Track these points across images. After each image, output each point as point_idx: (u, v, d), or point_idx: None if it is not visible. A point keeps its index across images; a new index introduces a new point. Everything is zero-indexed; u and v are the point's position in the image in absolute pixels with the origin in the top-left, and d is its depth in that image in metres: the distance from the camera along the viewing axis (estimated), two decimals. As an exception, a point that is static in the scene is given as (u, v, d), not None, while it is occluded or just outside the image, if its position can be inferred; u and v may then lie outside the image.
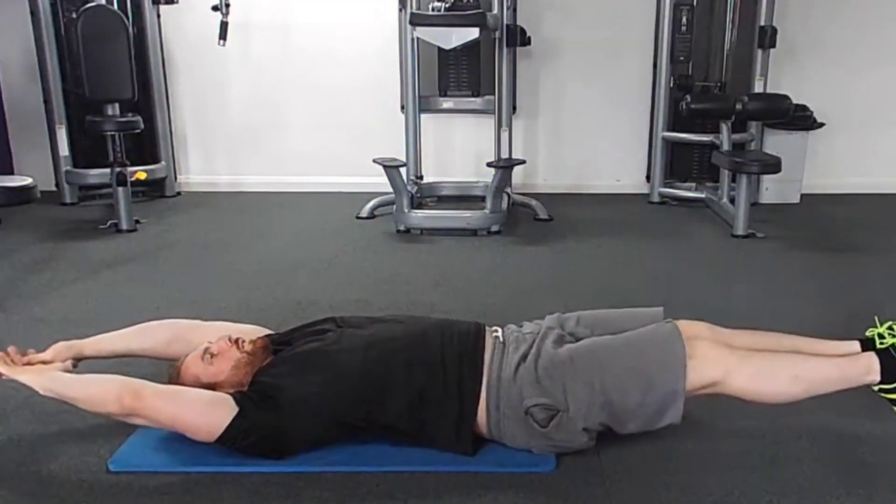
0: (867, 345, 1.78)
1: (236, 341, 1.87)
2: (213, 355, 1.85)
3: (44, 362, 1.90)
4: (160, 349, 2.02)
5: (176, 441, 1.85)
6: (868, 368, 1.72)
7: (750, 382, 1.71)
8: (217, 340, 1.89)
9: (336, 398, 1.75)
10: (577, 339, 1.84)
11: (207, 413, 1.72)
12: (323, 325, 1.97)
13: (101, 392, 1.74)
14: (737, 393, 1.72)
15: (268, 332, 2.08)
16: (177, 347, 1.98)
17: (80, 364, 1.97)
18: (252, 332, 2.03)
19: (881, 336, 1.76)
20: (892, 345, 1.73)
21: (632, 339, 1.77)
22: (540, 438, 1.74)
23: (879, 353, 1.72)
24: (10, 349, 1.90)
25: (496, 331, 1.89)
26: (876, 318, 1.79)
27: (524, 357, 1.77)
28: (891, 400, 1.74)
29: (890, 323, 1.78)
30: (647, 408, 1.70)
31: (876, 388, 1.72)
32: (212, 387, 1.81)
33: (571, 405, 1.70)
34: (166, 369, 1.93)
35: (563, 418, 1.71)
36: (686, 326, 1.81)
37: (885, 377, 1.70)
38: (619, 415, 1.72)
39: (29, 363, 1.89)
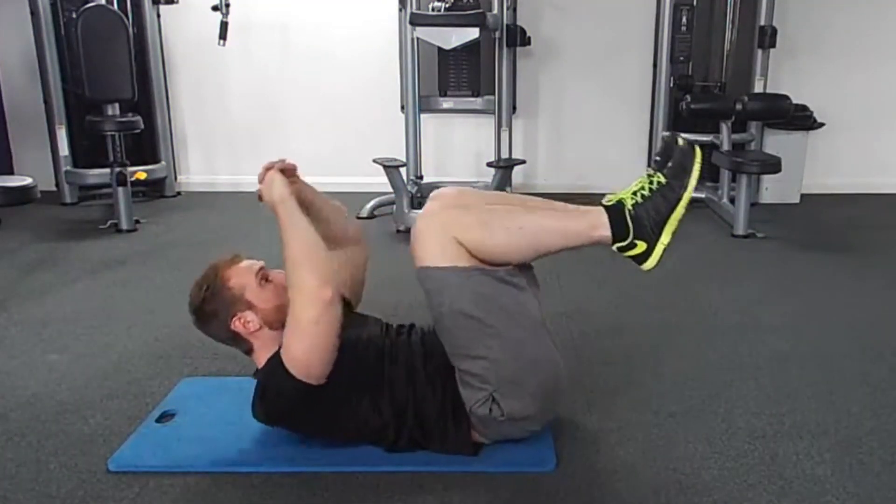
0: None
1: None
2: (267, 280, 1.81)
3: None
4: (330, 235, 1.91)
5: (176, 441, 1.86)
6: (595, 222, 1.67)
7: (476, 232, 1.65)
8: (277, 271, 1.81)
9: (364, 397, 1.74)
10: None
11: (332, 360, 1.66)
12: (363, 318, 1.95)
13: (316, 260, 1.66)
14: (472, 247, 1.64)
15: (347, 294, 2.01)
16: (336, 244, 1.93)
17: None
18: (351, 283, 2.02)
19: (608, 200, 1.71)
20: (620, 199, 1.69)
21: (431, 312, 1.72)
22: (510, 425, 1.73)
23: (607, 208, 1.68)
24: (290, 165, 1.87)
25: None
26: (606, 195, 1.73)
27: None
28: (632, 258, 1.70)
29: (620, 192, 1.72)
30: (489, 311, 1.64)
31: (615, 248, 1.69)
32: (248, 304, 1.77)
33: (486, 382, 1.67)
34: (224, 256, 1.86)
35: (499, 395, 1.68)
36: (426, 208, 1.77)
37: (616, 231, 1.66)
38: (496, 341, 1.66)
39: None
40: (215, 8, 4.31)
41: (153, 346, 2.47)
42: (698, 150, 1.73)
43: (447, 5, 4.04)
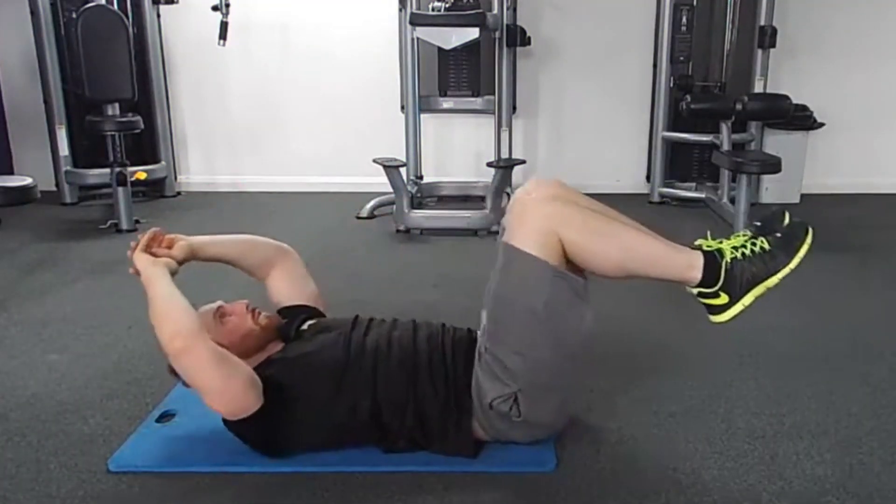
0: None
1: (253, 311, 1.85)
2: (225, 316, 1.84)
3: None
4: (253, 265, 2.06)
5: (176, 441, 1.86)
6: (692, 262, 1.69)
7: (582, 235, 1.66)
8: (234, 303, 1.87)
9: (343, 407, 1.74)
10: None
11: (241, 393, 1.66)
12: (332, 324, 1.95)
13: (167, 318, 1.69)
14: (570, 247, 1.65)
15: (321, 303, 2.08)
16: (263, 270, 2.05)
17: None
18: (311, 295, 2.07)
19: (708, 245, 1.73)
20: (719, 249, 1.71)
21: (492, 286, 1.72)
22: (522, 428, 1.74)
23: (705, 252, 1.71)
24: (156, 231, 1.88)
25: (477, 334, 1.89)
26: (708, 232, 1.76)
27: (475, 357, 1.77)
28: (707, 306, 1.73)
29: (721, 239, 1.75)
30: (553, 315, 1.65)
31: (695, 290, 1.71)
32: (224, 346, 1.76)
33: (516, 380, 1.68)
34: None
35: (523, 396, 1.69)
36: (523, 195, 1.77)
37: (706, 277, 1.68)
38: (546, 345, 1.67)
39: (154, 252, 1.85)
40: (215, 8, 4.31)
41: (153, 346, 2.42)
42: (811, 231, 1.75)
43: (447, 5, 4.04)
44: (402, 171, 3.95)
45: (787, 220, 1.76)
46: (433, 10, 4.04)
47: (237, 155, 5.03)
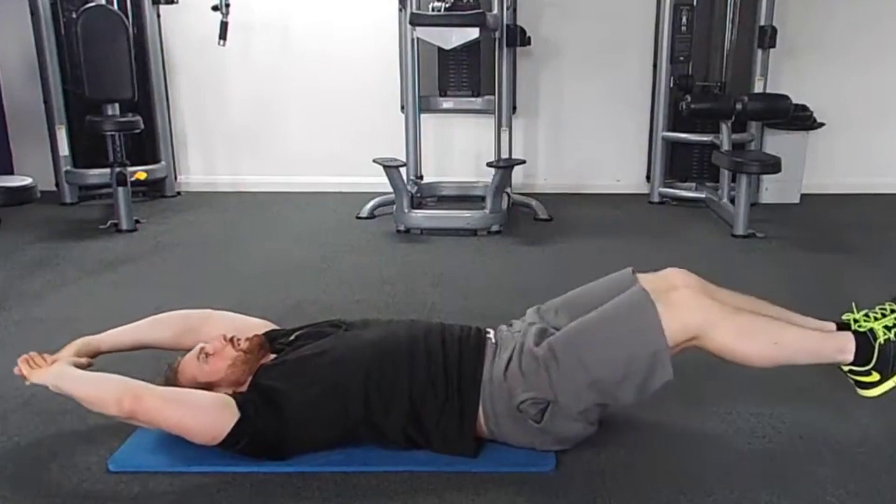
0: (842, 327, 1.80)
1: (231, 339, 1.86)
2: (208, 354, 1.84)
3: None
4: (172, 341, 2.03)
5: (176, 441, 1.85)
6: (843, 347, 1.73)
7: (730, 337, 1.70)
8: (212, 339, 1.87)
9: (339, 404, 1.74)
10: (559, 329, 1.83)
11: (210, 417, 1.71)
12: (325, 328, 1.96)
13: (103, 393, 1.73)
14: (716, 347, 1.70)
15: (273, 326, 2.08)
16: (188, 339, 1.98)
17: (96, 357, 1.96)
18: (258, 326, 2.04)
19: (856, 321, 1.76)
20: (871, 329, 1.73)
21: (604, 313, 1.75)
22: (538, 434, 1.75)
23: (857, 334, 1.73)
24: (33, 354, 1.88)
25: (489, 332, 1.90)
26: (853, 304, 1.79)
27: (511, 356, 1.77)
28: (857, 382, 1.76)
29: (866, 311, 1.78)
30: (635, 375, 1.69)
31: (846, 368, 1.73)
32: (209, 386, 1.80)
33: (560, 394, 1.70)
34: (164, 370, 1.92)
35: (555, 408, 1.71)
36: (672, 275, 1.84)
37: (858, 358, 1.72)
38: (608, 390, 1.71)
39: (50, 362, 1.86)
40: (215, 8, 4.31)
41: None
42: None
43: (447, 5, 4.04)
44: (402, 171, 3.95)
45: None
46: (433, 10, 4.04)
47: (237, 155, 5.03)
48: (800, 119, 4.53)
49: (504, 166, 3.98)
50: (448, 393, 1.75)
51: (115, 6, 4.29)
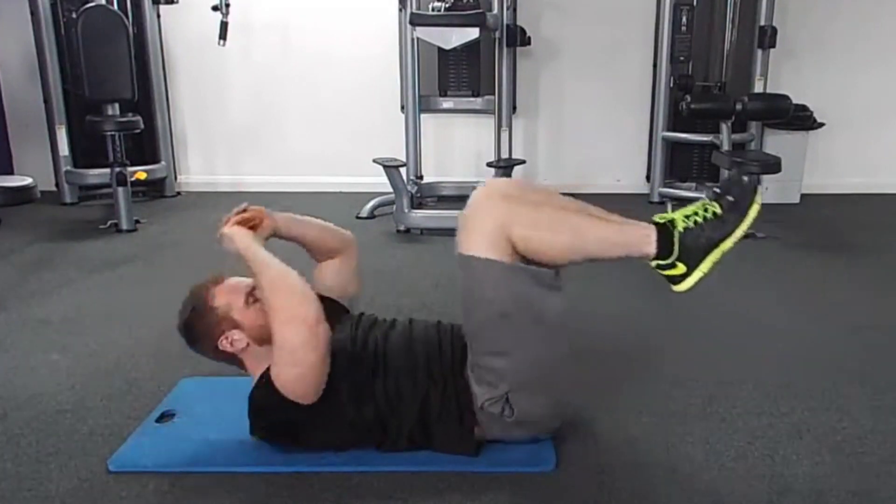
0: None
1: None
2: (255, 301, 1.80)
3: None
4: (319, 253, 2.05)
5: (176, 441, 1.86)
6: (644, 237, 1.69)
7: (528, 229, 1.65)
8: None
9: (353, 403, 1.74)
10: None
11: (318, 386, 1.67)
12: (339, 326, 1.95)
13: (300, 296, 1.65)
14: (522, 244, 1.65)
15: (341, 297, 2.04)
16: (325, 258, 2.04)
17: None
18: (343, 288, 2.05)
19: (662, 218, 1.73)
20: (671, 220, 1.71)
21: (461, 297, 1.72)
22: (518, 428, 1.74)
23: (658, 225, 1.71)
24: (245, 207, 1.85)
25: None
26: (669, 206, 1.78)
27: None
28: (667, 278, 1.74)
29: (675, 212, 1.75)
30: (521, 314, 1.65)
31: (653, 263, 1.71)
32: (234, 324, 1.77)
33: (504, 380, 1.68)
34: (208, 276, 1.87)
35: (514, 397, 1.69)
36: (481, 191, 1.76)
37: (661, 250, 1.69)
38: (522, 348, 1.67)
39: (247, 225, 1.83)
40: (215, 8, 4.31)
41: (153, 346, 2.46)
42: (760, 191, 1.75)
43: (447, 5, 4.04)
44: (402, 171, 3.95)
45: (742, 184, 1.75)
46: (433, 10, 4.04)
47: (237, 155, 5.03)
48: (800, 119, 4.52)
49: (504, 166, 3.98)
50: (446, 393, 1.75)
51: (115, 6, 4.29)
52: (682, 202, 4.57)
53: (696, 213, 1.71)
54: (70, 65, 4.40)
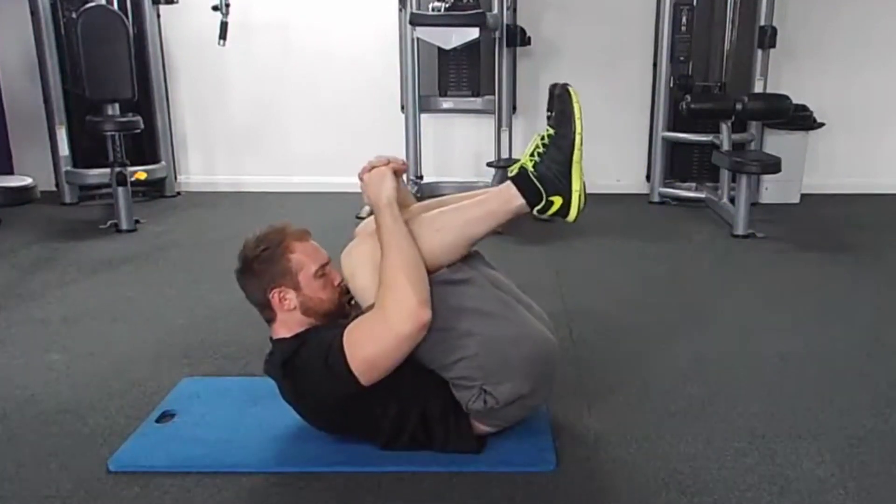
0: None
1: (340, 288, 1.82)
2: (324, 276, 1.80)
3: None
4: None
5: (176, 441, 1.86)
6: (508, 195, 1.70)
7: (421, 244, 1.67)
8: (335, 271, 1.83)
9: (384, 398, 1.73)
10: None
11: (384, 372, 1.65)
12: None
13: (418, 277, 1.62)
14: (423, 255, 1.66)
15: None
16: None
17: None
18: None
19: (513, 171, 1.73)
20: (520, 166, 1.71)
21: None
22: (509, 409, 1.73)
23: (514, 179, 1.71)
24: (402, 164, 1.85)
25: None
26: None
27: None
28: (553, 216, 1.72)
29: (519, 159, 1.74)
30: (439, 316, 1.63)
31: (534, 212, 1.71)
32: (294, 282, 1.76)
33: (473, 379, 1.68)
34: (293, 226, 1.86)
35: (488, 386, 1.68)
36: (351, 246, 1.79)
37: (531, 196, 1.69)
38: (460, 337, 1.66)
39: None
40: (215, 8, 4.31)
41: (153, 346, 2.47)
42: (572, 90, 1.71)
43: (447, 5, 4.04)
44: (402, 171, 3.94)
45: (554, 94, 1.73)
46: (433, 10, 4.04)
47: (237, 155, 5.03)
48: (800, 119, 4.53)
49: (504, 166, 3.98)
50: (448, 392, 1.74)
51: (115, 6, 4.29)
52: (682, 203, 4.60)
53: (536, 148, 1.72)
54: (70, 65, 4.39)
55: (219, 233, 4.00)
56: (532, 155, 1.71)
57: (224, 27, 4.29)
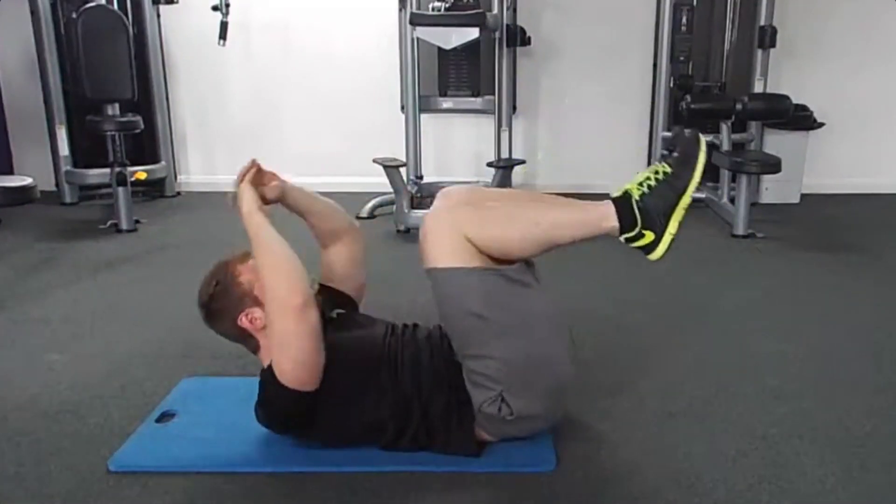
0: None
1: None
2: None
3: (262, 197, 1.90)
4: (324, 231, 2.05)
5: (176, 441, 1.86)
6: (605, 214, 1.69)
7: (485, 228, 1.67)
8: None
9: (368, 403, 1.74)
10: None
11: (317, 371, 1.66)
12: (364, 321, 1.94)
13: (287, 271, 1.65)
14: (481, 242, 1.65)
15: (350, 288, 2.06)
16: (331, 239, 2.04)
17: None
18: (359, 277, 2.07)
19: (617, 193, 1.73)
20: (626, 191, 1.71)
21: (438, 310, 1.73)
22: (518, 424, 1.74)
23: (615, 200, 1.70)
24: (258, 165, 1.88)
25: None
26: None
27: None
28: (641, 248, 1.72)
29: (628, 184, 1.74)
30: (494, 310, 1.65)
31: (622, 238, 1.70)
32: (256, 301, 1.76)
33: (496, 382, 1.68)
34: (236, 252, 1.88)
35: (508, 395, 1.68)
36: (437, 203, 1.78)
37: (625, 222, 1.68)
38: (505, 339, 1.67)
39: (257, 183, 1.86)
40: (215, 8, 4.31)
41: (153, 346, 2.47)
42: (703, 139, 1.74)
43: (447, 5, 4.04)
44: (402, 171, 3.94)
45: (684, 136, 1.75)
46: (433, 10, 4.04)
47: (237, 155, 4.96)
48: (800, 119, 4.53)
49: (504, 166, 3.98)
50: (450, 394, 1.75)
51: (115, 6, 4.29)
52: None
53: (648, 179, 1.71)
54: (70, 65, 4.39)
55: (219, 233, 3.99)
56: (641, 184, 1.71)
57: (224, 27, 4.30)
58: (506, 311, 1.67)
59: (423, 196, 4.46)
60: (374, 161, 3.87)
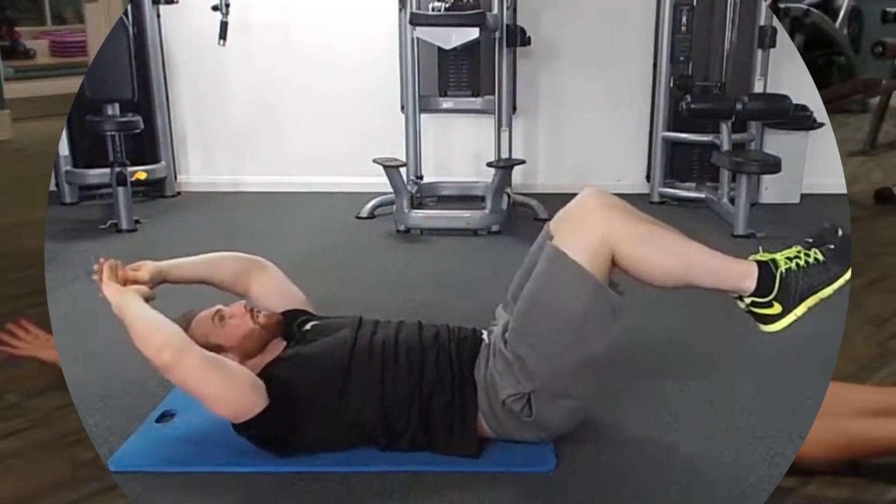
0: None
1: (251, 311, 1.86)
2: (223, 318, 1.84)
3: (135, 281, 1.90)
4: (229, 281, 2.08)
5: (176, 441, 1.86)
6: (746, 272, 1.71)
7: (640, 247, 1.69)
8: (232, 305, 1.89)
9: (350, 407, 1.74)
10: None
11: (241, 395, 1.69)
12: (340, 322, 1.95)
13: (151, 337, 1.69)
14: (627, 258, 1.68)
15: (309, 308, 2.09)
16: (241, 283, 2.07)
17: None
18: (297, 299, 2.09)
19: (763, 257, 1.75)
20: (773, 259, 1.72)
21: (530, 288, 1.74)
22: (534, 428, 1.75)
23: (760, 263, 1.72)
24: (114, 263, 1.91)
25: (483, 333, 1.91)
26: (760, 248, 1.78)
27: (488, 358, 1.78)
28: (758, 316, 1.75)
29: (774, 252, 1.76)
30: (589, 322, 1.68)
31: (748, 299, 1.73)
32: (219, 349, 1.79)
33: (533, 381, 1.69)
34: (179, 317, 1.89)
35: (537, 397, 1.70)
36: (584, 194, 1.82)
37: (760, 287, 1.70)
38: (574, 351, 1.69)
39: (124, 279, 1.88)
40: (215, 8, 4.30)
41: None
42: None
43: (447, 5, 4.03)
44: (402, 171, 3.95)
45: (839, 234, 1.75)
46: (433, 10, 4.04)
47: (237, 155, 5.02)
48: (800, 119, 4.52)
49: (504, 166, 3.98)
50: (451, 394, 1.75)
51: (115, 6, 4.29)
52: (682, 203, 4.60)
53: (797, 257, 1.72)
54: (70, 65, 4.40)
55: (219, 233, 4.00)
56: (790, 259, 1.72)
57: (224, 27, 4.29)
58: (592, 333, 1.69)
59: (423, 196, 4.47)
60: (374, 161, 3.87)
